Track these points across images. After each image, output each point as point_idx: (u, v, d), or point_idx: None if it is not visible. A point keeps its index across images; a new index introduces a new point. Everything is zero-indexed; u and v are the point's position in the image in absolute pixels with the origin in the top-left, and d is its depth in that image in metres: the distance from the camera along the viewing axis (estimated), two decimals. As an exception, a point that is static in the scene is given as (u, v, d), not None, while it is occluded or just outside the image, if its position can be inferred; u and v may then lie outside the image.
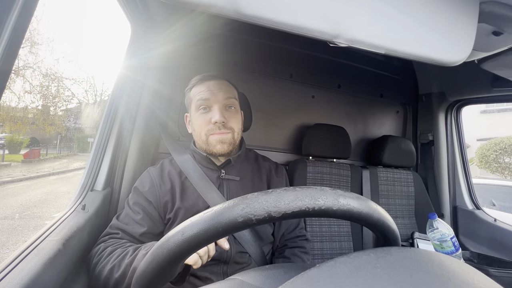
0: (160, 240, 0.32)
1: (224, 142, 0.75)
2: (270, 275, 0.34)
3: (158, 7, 1.01)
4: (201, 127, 0.76)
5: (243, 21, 0.37)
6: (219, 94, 0.76)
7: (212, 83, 0.78)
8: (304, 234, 0.91)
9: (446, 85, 1.44)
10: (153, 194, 0.75)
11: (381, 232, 0.35)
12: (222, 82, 0.80)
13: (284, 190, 0.30)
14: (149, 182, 0.77)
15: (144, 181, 0.77)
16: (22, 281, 0.44)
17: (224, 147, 0.75)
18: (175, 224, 0.74)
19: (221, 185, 0.80)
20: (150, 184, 0.76)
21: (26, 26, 0.43)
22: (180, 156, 0.83)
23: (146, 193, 0.75)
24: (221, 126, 0.74)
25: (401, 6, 0.42)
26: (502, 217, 1.31)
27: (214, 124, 0.74)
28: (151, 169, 0.81)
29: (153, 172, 0.79)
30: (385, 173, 1.38)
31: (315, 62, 1.44)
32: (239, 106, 0.84)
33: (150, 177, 0.78)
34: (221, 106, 0.76)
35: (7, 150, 12.29)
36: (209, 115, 0.75)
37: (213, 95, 0.75)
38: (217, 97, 0.76)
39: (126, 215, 0.73)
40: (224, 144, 0.75)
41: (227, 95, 0.77)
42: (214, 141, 0.75)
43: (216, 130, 0.75)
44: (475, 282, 0.24)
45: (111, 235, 0.70)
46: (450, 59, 0.46)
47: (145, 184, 0.77)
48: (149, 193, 0.75)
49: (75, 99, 18.08)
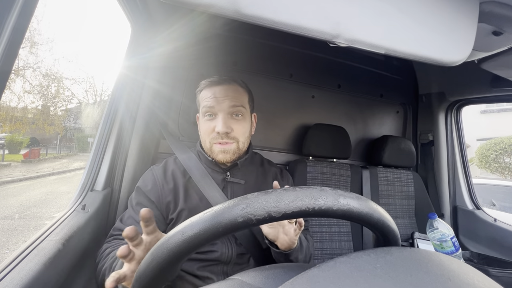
0: (160, 240, 0.32)
1: (227, 152, 0.74)
2: (270, 275, 0.34)
3: (158, 7, 1.01)
4: (206, 134, 0.75)
5: (243, 21, 0.37)
6: (225, 102, 0.73)
7: (219, 89, 0.74)
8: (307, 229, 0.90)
9: (446, 85, 1.44)
10: (156, 194, 0.74)
11: (381, 232, 0.35)
12: (230, 87, 0.76)
13: (284, 190, 0.30)
14: (151, 181, 0.76)
15: (147, 180, 0.77)
16: (22, 281, 0.44)
17: (226, 157, 0.74)
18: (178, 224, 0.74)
19: (225, 187, 0.79)
20: (153, 184, 0.76)
21: (26, 26, 0.43)
22: (183, 154, 0.82)
23: (149, 192, 0.74)
24: (224, 136, 0.73)
25: (401, 6, 0.42)
26: (502, 217, 1.31)
27: (217, 134, 0.73)
28: (154, 168, 0.80)
29: (156, 171, 0.79)
30: (385, 173, 1.38)
31: (315, 62, 1.44)
32: (250, 111, 0.81)
33: (153, 176, 0.77)
34: (225, 115, 0.73)
35: (7, 150, 12.29)
36: (213, 123, 0.74)
37: (217, 103, 0.73)
38: (221, 105, 0.73)
39: (128, 216, 0.73)
40: (226, 154, 0.74)
41: (233, 103, 0.74)
42: (216, 150, 0.74)
43: (219, 139, 0.73)
44: (475, 282, 0.24)
45: (114, 237, 0.71)
46: (450, 59, 0.46)
47: (147, 183, 0.76)
48: (152, 192, 0.75)
49: (75, 99, 18.13)
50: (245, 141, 0.78)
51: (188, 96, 1.24)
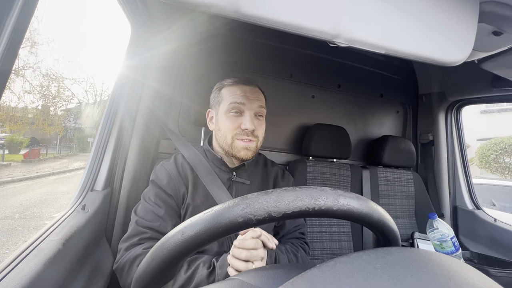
0: (160, 240, 0.32)
1: (249, 150, 0.76)
2: (270, 275, 0.34)
3: (158, 7, 1.01)
4: (229, 129, 0.76)
5: (243, 21, 0.37)
6: (255, 102, 0.76)
7: (249, 88, 0.78)
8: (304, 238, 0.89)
9: (446, 85, 1.44)
10: (173, 188, 0.75)
11: (381, 232, 0.35)
12: (257, 89, 0.80)
13: (284, 190, 0.30)
14: (166, 176, 0.76)
15: (161, 175, 0.77)
16: (22, 281, 0.44)
17: (248, 154, 0.76)
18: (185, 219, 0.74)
19: (230, 186, 0.80)
20: (168, 178, 0.76)
21: (26, 26, 0.43)
22: (188, 151, 0.83)
23: (166, 186, 0.75)
24: (249, 133, 0.75)
25: (401, 6, 0.42)
26: (502, 217, 1.31)
27: (243, 130, 0.75)
28: (165, 163, 0.80)
29: (168, 166, 0.79)
30: (385, 173, 1.38)
31: (315, 62, 1.44)
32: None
33: (166, 171, 0.78)
34: (252, 114, 0.76)
35: (7, 150, 12.29)
36: (240, 120, 0.75)
37: (248, 102, 0.76)
38: (252, 104, 0.76)
39: (147, 211, 0.71)
40: (249, 151, 0.76)
41: (260, 104, 0.78)
42: (239, 146, 0.75)
43: (244, 136, 0.75)
44: (475, 282, 0.24)
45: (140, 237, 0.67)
46: (450, 59, 0.46)
47: (162, 178, 0.76)
48: (169, 186, 0.75)
49: (75, 99, 18.11)
50: (261, 141, 0.81)
51: (188, 96, 1.23)
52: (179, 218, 0.76)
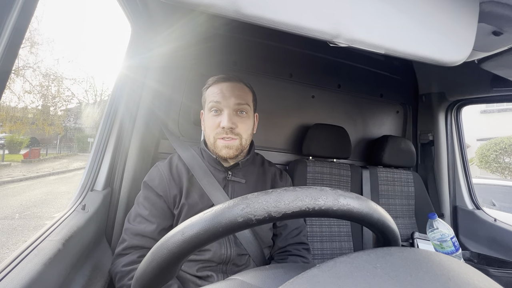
0: (160, 240, 0.32)
1: (230, 148, 0.75)
2: (270, 275, 0.34)
3: (158, 7, 1.01)
4: (211, 129, 0.77)
5: (243, 21, 0.37)
6: (231, 99, 0.75)
7: (226, 85, 0.77)
8: (306, 242, 0.89)
9: (446, 85, 1.44)
10: (163, 189, 0.76)
11: (381, 232, 0.35)
12: (236, 85, 0.78)
13: (284, 190, 0.30)
14: (158, 177, 0.77)
15: (154, 176, 0.78)
16: (22, 281, 0.44)
17: (229, 152, 0.75)
18: (180, 220, 0.75)
19: (226, 186, 0.80)
20: (160, 179, 0.77)
21: (26, 26, 0.43)
22: (185, 152, 0.84)
23: (156, 187, 0.76)
24: (228, 131, 0.74)
25: (401, 6, 0.42)
26: (502, 217, 1.31)
27: (222, 129, 0.74)
28: (159, 164, 0.82)
29: (162, 167, 0.80)
30: (385, 173, 1.38)
31: (315, 62, 1.44)
32: (253, 110, 0.83)
33: (159, 172, 0.79)
34: (231, 111, 0.75)
35: (7, 150, 12.28)
36: (219, 119, 0.75)
37: (224, 99, 0.75)
38: (228, 101, 0.75)
39: (136, 214, 0.74)
40: (230, 150, 0.75)
41: (238, 101, 0.76)
42: (220, 145, 0.75)
43: (224, 134, 0.75)
44: (475, 282, 0.24)
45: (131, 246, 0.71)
46: (450, 59, 0.46)
47: (154, 179, 0.77)
48: (159, 187, 0.76)
49: (75, 99, 18.11)
50: (247, 138, 0.79)
51: (188, 96, 1.23)
52: (172, 218, 0.77)
